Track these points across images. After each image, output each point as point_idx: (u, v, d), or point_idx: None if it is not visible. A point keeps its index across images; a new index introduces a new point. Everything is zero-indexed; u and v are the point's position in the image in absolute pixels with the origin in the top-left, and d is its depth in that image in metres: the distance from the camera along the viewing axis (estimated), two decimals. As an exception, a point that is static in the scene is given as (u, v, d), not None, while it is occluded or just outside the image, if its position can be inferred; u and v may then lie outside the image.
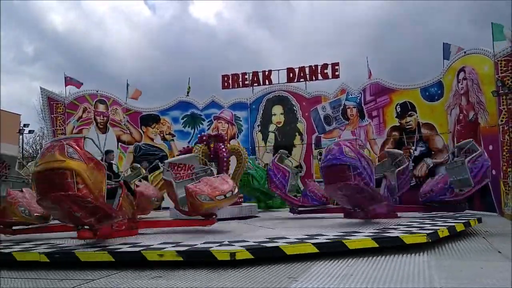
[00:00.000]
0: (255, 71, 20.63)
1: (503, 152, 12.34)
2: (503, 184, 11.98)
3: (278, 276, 5.08)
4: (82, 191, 5.97)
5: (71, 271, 5.79)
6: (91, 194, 6.08)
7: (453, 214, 9.93)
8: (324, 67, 19.80)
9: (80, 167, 5.96)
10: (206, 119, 20.69)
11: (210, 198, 7.97)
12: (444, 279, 4.60)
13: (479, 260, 5.66)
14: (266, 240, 6.53)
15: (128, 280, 5.21)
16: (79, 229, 6.69)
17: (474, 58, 13.79)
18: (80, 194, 5.97)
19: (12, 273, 5.87)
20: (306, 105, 19.64)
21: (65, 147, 6.00)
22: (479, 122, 13.34)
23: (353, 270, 5.21)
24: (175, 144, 20.32)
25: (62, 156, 5.91)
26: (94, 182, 6.12)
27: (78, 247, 6.59)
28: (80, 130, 19.56)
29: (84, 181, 5.97)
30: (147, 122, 20.69)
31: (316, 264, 5.61)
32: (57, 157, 5.92)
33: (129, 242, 7.01)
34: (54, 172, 5.91)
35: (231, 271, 5.47)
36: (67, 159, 5.90)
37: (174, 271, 5.63)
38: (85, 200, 6.07)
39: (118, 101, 20.56)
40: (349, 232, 7.15)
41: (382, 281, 4.59)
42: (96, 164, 6.29)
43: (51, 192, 5.99)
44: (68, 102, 19.60)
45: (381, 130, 17.45)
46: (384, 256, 6.01)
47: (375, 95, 17.67)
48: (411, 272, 5.00)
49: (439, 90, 15.83)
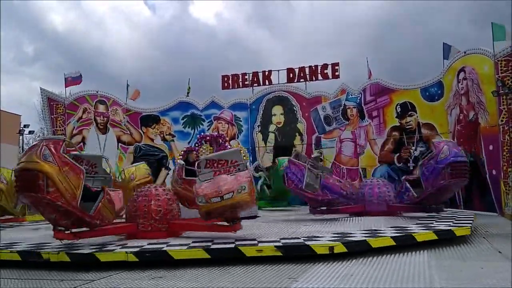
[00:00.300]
0: (255, 72, 20.64)
1: (503, 152, 12.33)
2: (503, 184, 11.97)
3: (278, 276, 5.08)
4: (52, 194, 5.99)
5: (71, 272, 5.79)
6: (62, 198, 6.08)
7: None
8: (324, 67, 19.80)
9: (52, 170, 6.01)
10: (206, 120, 20.70)
11: (206, 201, 6.88)
12: (444, 279, 4.59)
13: (479, 260, 5.65)
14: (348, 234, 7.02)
15: (128, 280, 5.21)
16: (55, 230, 6.58)
17: (474, 58, 13.78)
18: (49, 197, 5.98)
19: (13, 273, 5.87)
20: (306, 105, 19.65)
21: (41, 149, 6.06)
22: (479, 122, 13.34)
23: (354, 270, 5.21)
24: (175, 145, 20.33)
25: (37, 158, 5.99)
26: (66, 186, 6.13)
27: (163, 246, 6.55)
28: (80, 131, 19.59)
29: (55, 184, 6.00)
30: (147, 123, 20.70)
31: (316, 265, 5.61)
32: (33, 158, 6.02)
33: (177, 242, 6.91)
34: (29, 173, 6.00)
35: (231, 271, 5.47)
36: (41, 162, 5.97)
37: (174, 271, 5.63)
38: (55, 204, 6.09)
39: (118, 102, 20.57)
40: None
41: (383, 282, 4.59)
42: (71, 168, 6.30)
43: (26, 192, 6.12)
44: (68, 102, 19.61)
45: (381, 130, 17.45)
46: (384, 256, 6.01)
47: (375, 95, 17.68)
48: (411, 272, 5.00)
49: (439, 90, 15.83)
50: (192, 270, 5.64)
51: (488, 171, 12.91)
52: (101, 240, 7.28)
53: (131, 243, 6.96)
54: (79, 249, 6.45)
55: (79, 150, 14.75)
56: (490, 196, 12.74)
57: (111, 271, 5.72)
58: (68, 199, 6.16)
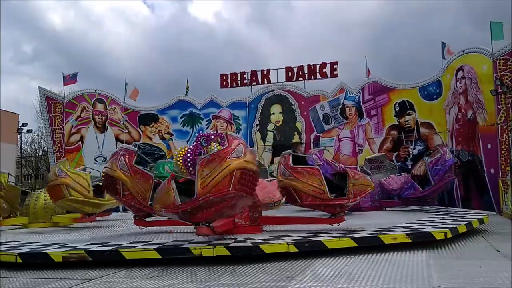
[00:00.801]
0: (254, 70, 20.59)
1: (501, 151, 12.35)
2: (502, 183, 11.99)
3: (277, 275, 5.08)
4: (127, 197, 7.56)
5: (70, 270, 5.78)
6: (134, 199, 7.51)
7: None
8: (323, 66, 19.77)
9: (126, 178, 7.46)
10: (205, 118, 20.67)
11: None
12: (443, 278, 4.60)
13: (478, 259, 5.66)
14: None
15: (126, 279, 5.20)
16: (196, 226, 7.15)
17: (473, 57, 13.79)
18: (124, 200, 7.65)
19: (12, 273, 5.86)
20: (305, 104, 19.64)
21: (119, 159, 7.57)
22: (478, 121, 13.35)
23: (352, 269, 5.21)
24: (173, 143, 20.30)
25: (116, 167, 7.53)
26: (138, 190, 7.47)
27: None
28: (78, 130, 19.54)
29: (128, 189, 7.47)
30: (146, 121, 20.66)
31: (314, 264, 5.62)
32: (112, 167, 7.58)
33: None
34: (110, 178, 7.67)
35: (230, 270, 5.47)
36: (118, 170, 7.50)
37: (173, 270, 5.63)
38: (129, 204, 7.71)
39: (117, 100, 20.51)
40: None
41: (381, 280, 4.59)
42: (142, 176, 7.53)
43: (108, 192, 8.18)
44: (66, 101, 19.55)
45: (379, 129, 17.46)
46: (383, 255, 6.01)
47: (374, 94, 17.68)
48: (410, 271, 5.00)
49: (438, 89, 15.83)
50: (190, 268, 5.63)
51: (486, 170, 12.93)
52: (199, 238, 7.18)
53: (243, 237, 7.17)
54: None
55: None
56: (488, 195, 12.76)
57: (110, 269, 5.71)
58: (140, 200, 7.47)
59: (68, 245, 7.03)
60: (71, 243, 7.25)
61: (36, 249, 6.73)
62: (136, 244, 6.73)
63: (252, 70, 20.61)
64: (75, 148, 19.20)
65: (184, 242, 6.74)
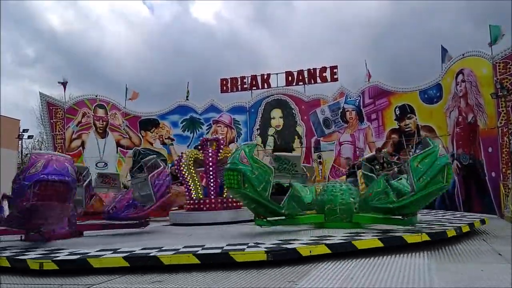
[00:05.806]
0: (254, 75, 20.68)
1: (502, 154, 12.34)
2: (503, 186, 11.97)
3: (279, 280, 5.06)
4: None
5: (70, 277, 5.77)
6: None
7: None
8: (323, 70, 19.85)
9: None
10: (205, 123, 20.72)
11: None
12: (444, 281, 4.59)
13: (479, 262, 5.65)
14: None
15: (127, 285, 5.19)
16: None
17: (473, 61, 13.81)
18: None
19: (11, 279, 5.84)
20: (305, 109, 19.68)
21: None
22: (478, 124, 13.35)
23: (354, 272, 5.20)
24: (174, 148, 20.33)
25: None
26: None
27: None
28: (79, 135, 19.58)
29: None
30: (146, 127, 20.72)
31: (316, 267, 5.60)
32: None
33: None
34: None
35: (230, 275, 5.45)
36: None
37: (173, 275, 5.61)
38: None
39: (117, 106, 20.58)
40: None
41: (383, 284, 4.58)
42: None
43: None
44: (67, 107, 19.62)
45: (380, 133, 17.48)
46: (385, 258, 6.00)
47: (374, 98, 17.72)
48: (411, 274, 4.99)
49: (438, 93, 15.86)
50: (191, 274, 5.62)
51: (487, 173, 12.91)
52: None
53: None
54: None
55: None
56: (490, 198, 12.74)
57: (110, 275, 5.70)
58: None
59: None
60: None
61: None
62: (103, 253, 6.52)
63: (252, 75, 20.71)
64: (76, 153, 19.24)
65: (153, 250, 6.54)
